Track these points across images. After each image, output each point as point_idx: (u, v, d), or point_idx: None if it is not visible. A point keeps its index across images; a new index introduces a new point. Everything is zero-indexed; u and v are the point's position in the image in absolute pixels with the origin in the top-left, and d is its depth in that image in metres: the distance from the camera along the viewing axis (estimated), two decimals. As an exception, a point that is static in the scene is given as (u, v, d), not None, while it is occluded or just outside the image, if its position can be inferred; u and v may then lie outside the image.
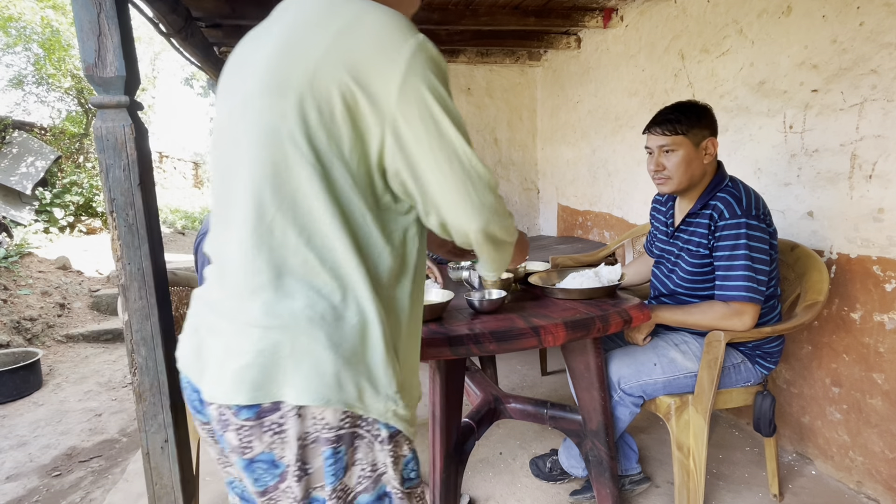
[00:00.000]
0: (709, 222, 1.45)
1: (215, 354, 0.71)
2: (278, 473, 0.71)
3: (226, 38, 2.98)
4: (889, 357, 1.61)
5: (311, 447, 0.69)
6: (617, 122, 3.11)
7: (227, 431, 0.70)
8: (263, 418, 0.68)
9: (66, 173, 6.34)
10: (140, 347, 1.38)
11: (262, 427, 0.68)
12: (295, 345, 0.67)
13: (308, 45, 0.65)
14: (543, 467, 1.86)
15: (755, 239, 1.38)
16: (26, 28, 6.46)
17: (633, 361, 1.53)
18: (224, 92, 0.76)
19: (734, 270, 1.39)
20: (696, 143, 1.44)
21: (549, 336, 1.23)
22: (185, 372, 0.78)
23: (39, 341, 3.76)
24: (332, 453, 0.69)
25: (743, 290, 1.38)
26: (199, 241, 1.49)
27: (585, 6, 2.94)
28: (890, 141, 1.56)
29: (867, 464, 1.70)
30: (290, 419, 0.67)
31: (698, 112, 1.44)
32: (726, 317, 1.41)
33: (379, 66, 0.64)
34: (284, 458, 0.69)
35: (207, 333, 0.74)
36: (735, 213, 1.39)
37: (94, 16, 1.24)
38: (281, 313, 0.68)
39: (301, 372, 0.66)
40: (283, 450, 0.69)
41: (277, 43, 0.68)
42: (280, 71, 0.66)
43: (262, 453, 0.70)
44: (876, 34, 1.58)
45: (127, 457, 2.22)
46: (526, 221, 4.45)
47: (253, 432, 0.69)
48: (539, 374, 2.83)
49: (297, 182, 0.67)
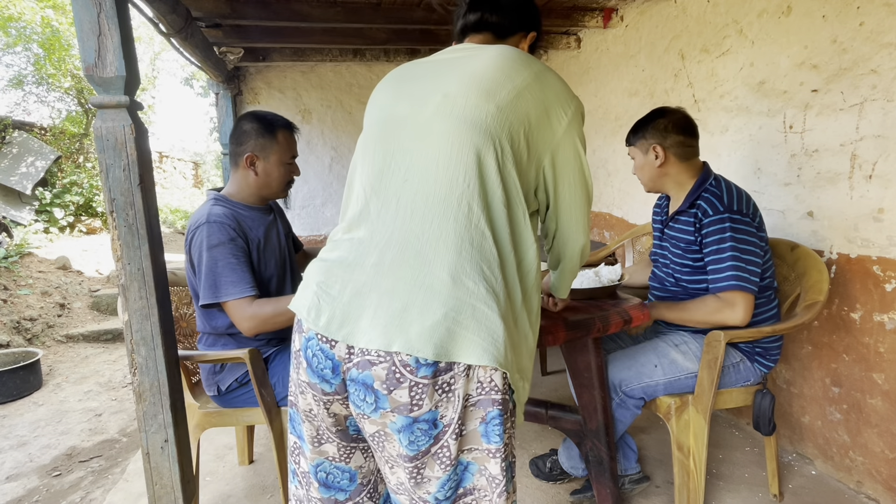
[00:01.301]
0: (694, 220, 1.51)
1: (389, 312, 0.77)
2: (435, 434, 0.78)
3: (226, 38, 2.98)
4: (889, 357, 1.61)
5: (471, 409, 0.79)
6: (617, 123, 3.11)
7: (397, 388, 0.76)
8: (438, 377, 0.76)
9: (66, 173, 6.34)
10: (140, 347, 1.38)
11: (435, 385, 0.76)
12: (475, 312, 0.77)
13: (513, 72, 0.87)
14: (543, 467, 1.86)
15: (740, 231, 1.43)
16: (26, 28, 6.46)
17: (634, 363, 1.53)
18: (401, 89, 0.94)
19: (722, 263, 1.43)
20: (644, 151, 1.60)
21: (549, 336, 1.23)
22: (324, 332, 0.80)
23: (39, 341, 3.76)
24: (497, 414, 0.79)
25: (732, 280, 1.41)
26: (191, 236, 1.49)
27: (585, 6, 2.94)
28: (890, 141, 1.56)
29: (867, 464, 1.70)
30: (461, 379, 0.77)
31: (640, 123, 1.61)
32: (719, 309, 1.44)
33: (557, 108, 0.89)
34: (445, 418, 0.78)
35: (371, 291, 0.79)
36: (718, 210, 1.45)
37: (94, 16, 1.24)
38: (465, 283, 0.78)
39: (480, 336, 0.76)
40: (447, 408, 0.77)
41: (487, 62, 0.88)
42: (489, 81, 0.85)
43: (428, 412, 0.77)
44: (876, 34, 1.58)
45: (127, 457, 2.22)
46: (526, 221, 4.45)
47: (425, 390, 0.76)
48: (539, 374, 2.83)
49: (488, 172, 0.82)
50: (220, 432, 2.26)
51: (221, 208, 1.49)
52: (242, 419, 1.60)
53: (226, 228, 1.45)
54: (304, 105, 3.86)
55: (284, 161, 1.56)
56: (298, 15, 2.65)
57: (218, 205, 1.51)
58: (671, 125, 1.56)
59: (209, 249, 1.42)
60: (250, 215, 1.57)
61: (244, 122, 1.55)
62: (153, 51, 9.24)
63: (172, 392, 1.42)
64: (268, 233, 1.60)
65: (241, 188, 1.58)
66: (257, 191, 1.58)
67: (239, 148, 1.54)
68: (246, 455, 2.04)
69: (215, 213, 1.47)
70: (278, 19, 2.69)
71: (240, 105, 3.76)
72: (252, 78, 3.75)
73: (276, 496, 1.83)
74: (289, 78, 3.81)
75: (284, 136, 1.56)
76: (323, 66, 3.84)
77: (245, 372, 1.53)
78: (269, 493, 1.86)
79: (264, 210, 1.64)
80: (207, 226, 1.44)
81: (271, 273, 1.59)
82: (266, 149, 1.53)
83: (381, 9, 2.78)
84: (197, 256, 1.45)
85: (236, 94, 3.71)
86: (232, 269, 1.43)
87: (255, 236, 1.54)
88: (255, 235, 1.55)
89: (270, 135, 1.53)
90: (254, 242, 1.53)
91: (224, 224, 1.45)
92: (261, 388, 1.48)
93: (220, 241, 1.43)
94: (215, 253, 1.42)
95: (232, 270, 1.43)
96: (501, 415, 0.79)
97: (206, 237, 1.43)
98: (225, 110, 3.66)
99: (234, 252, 1.44)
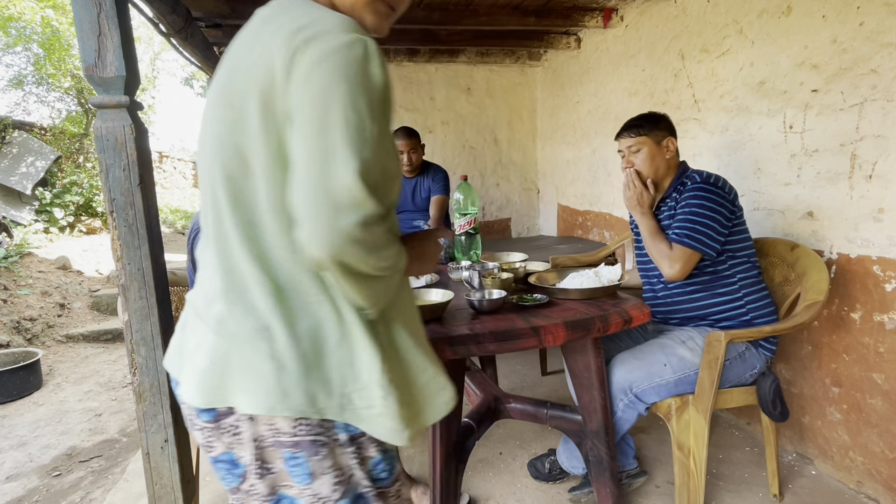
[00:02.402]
0: (674, 203, 1.63)
1: (188, 354, 0.74)
2: (239, 473, 0.73)
3: (226, 38, 2.98)
4: (889, 357, 1.61)
5: (269, 450, 0.70)
6: (617, 122, 3.11)
7: (193, 430, 0.74)
8: (220, 421, 0.71)
9: (66, 173, 6.34)
10: (140, 347, 1.38)
11: (220, 429, 0.71)
12: (242, 355, 0.68)
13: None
14: (542, 468, 1.85)
15: (709, 199, 1.53)
16: (26, 28, 6.45)
17: (643, 364, 1.53)
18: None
19: (684, 220, 1.54)
20: (658, 142, 1.67)
21: (549, 336, 1.23)
22: (168, 369, 0.80)
23: (39, 341, 3.76)
24: (292, 456, 0.70)
25: (683, 236, 1.52)
26: (192, 237, 1.49)
27: (585, 6, 2.94)
28: (890, 141, 1.56)
29: (867, 464, 1.70)
30: (244, 423, 0.70)
31: (656, 118, 1.70)
32: (664, 256, 1.56)
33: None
34: (243, 459, 0.72)
35: (189, 332, 0.77)
36: (695, 182, 1.59)
37: (94, 16, 1.24)
38: (229, 323, 0.69)
39: (247, 381, 0.68)
40: (241, 450, 0.71)
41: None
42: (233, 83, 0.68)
43: (224, 453, 0.73)
44: (876, 34, 1.58)
45: (127, 457, 2.22)
46: (526, 221, 4.46)
47: (213, 433, 0.72)
48: (539, 374, 2.83)
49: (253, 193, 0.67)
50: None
51: None
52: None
53: None
54: (304, 105, 3.87)
55: None
56: (298, 15, 2.65)
57: None
58: (671, 125, 1.71)
59: None
60: None
61: None
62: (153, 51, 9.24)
63: (172, 392, 1.42)
64: None
65: None
66: None
67: None
68: (246, 455, 2.04)
69: None
70: (278, 19, 2.68)
71: (240, 105, 3.76)
72: (252, 78, 3.76)
73: (276, 496, 1.83)
74: (289, 78, 3.82)
75: None
76: (323, 66, 3.85)
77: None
78: (269, 493, 1.86)
79: None
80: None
81: None
82: None
83: (381, 9, 2.78)
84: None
85: (236, 94, 3.72)
86: None
87: None
88: None
89: None
90: None
91: None
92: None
93: None
94: None
95: None
96: (300, 456, 0.69)
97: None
98: (225, 110, 3.66)
99: None
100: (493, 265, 1.66)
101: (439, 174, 2.92)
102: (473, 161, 4.24)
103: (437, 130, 4.13)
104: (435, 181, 2.90)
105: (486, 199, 4.31)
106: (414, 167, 2.84)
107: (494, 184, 4.32)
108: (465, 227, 1.92)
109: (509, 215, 4.40)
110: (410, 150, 2.77)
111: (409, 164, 2.79)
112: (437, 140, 4.12)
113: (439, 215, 2.83)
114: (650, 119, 1.70)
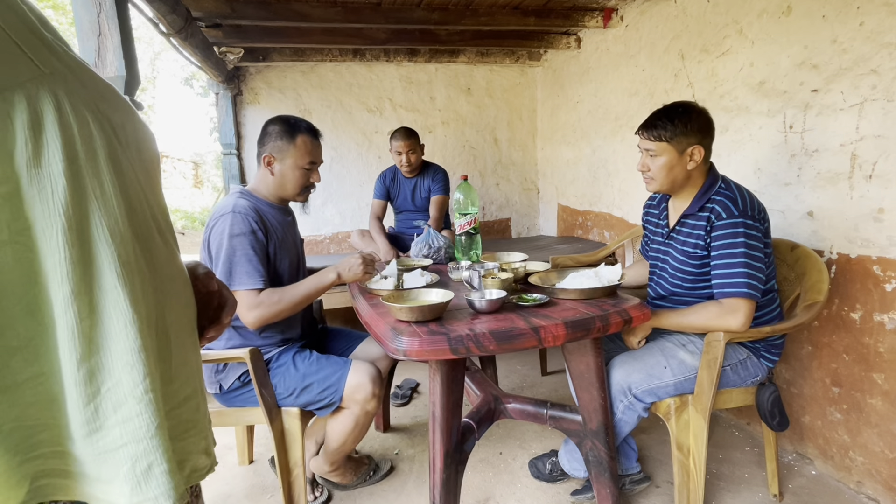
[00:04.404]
0: (706, 224, 1.47)
1: None
2: None
3: (226, 38, 2.98)
4: (889, 357, 1.61)
5: None
6: (617, 122, 3.11)
7: None
8: None
9: (66, 173, 6.34)
10: (140, 347, 1.38)
11: None
12: None
13: None
14: (543, 468, 1.86)
15: (752, 238, 1.41)
16: (26, 28, 6.45)
17: (643, 366, 1.52)
18: None
19: (733, 269, 1.41)
20: (680, 151, 1.48)
21: (549, 336, 1.23)
22: None
23: (39, 341, 3.75)
24: None
25: (743, 287, 1.39)
26: (214, 223, 1.55)
27: (585, 6, 2.94)
28: (890, 141, 1.56)
29: (867, 464, 1.70)
30: None
31: (687, 118, 1.46)
32: (720, 315, 1.42)
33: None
34: None
35: None
36: (732, 214, 1.42)
37: (94, 16, 1.25)
38: None
39: None
40: None
41: None
42: None
43: None
44: (876, 34, 1.58)
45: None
46: (526, 221, 4.46)
47: None
48: (539, 374, 2.83)
49: None
50: (221, 432, 2.26)
51: (246, 201, 1.57)
52: (243, 419, 1.60)
53: (248, 220, 1.52)
54: (304, 105, 3.86)
55: (300, 165, 1.61)
56: (298, 15, 2.66)
57: (243, 198, 1.58)
58: (707, 124, 1.49)
59: (230, 238, 1.49)
60: (271, 212, 1.63)
61: (270, 123, 1.63)
62: (153, 51, 9.26)
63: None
64: (285, 233, 1.67)
65: (262, 186, 1.66)
66: (275, 191, 1.65)
67: (261, 148, 1.63)
68: (246, 455, 2.04)
69: (241, 205, 1.54)
70: (278, 19, 2.69)
71: (240, 105, 3.76)
72: (252, 78, 3.75)
73: (276, 496, 1.83)
74: (289, 78, 3.81)
75: (304, 140, 1.61)
76: (323, 66, 3.84)
77: (247, 370, 1.54)
78: (269, 493, 1.86)
79: (284, 211, 1.71)
80: (232, 215, 1.51)
81: (283, 271, 1.64)
82: (283, 151, 1.60)
83: (381, 9, 2.78)
84: (217, 244, 1.51)
85: (236, 94, 3.72)
86: (248, 259, 1.50)
87: (274, 231, 1.61)
88: (275, 231, 1.61)
89: (290, 138, 1.59)
90: (273, 237, 1.60)
91: (247, 216, 1.52)
92: (261, 388, 1.48)
93: (241, 231, 1.50)
94: (235, 242, 1.49)
95: (248, 261, 1.49)
96: None
97: (229, 226, 1.50)
98: (225, 110, 3.66)
99: (252, 244, 1.51)
100: (493, 265, 1.66)
101: (439, 174, 2.92)
102: (473, 161, 4.25)
103: (437, 130, 4.13)
104: (435, 181, 2.90)
105: (486, 199, 4.31)
106: (413, 167, 2.84)
107: (494, 184, 4.32)
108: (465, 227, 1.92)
109: (509, 215, 4.40)
110: (409, 151, 2.77)
111: (407, 164, 2.79)
112: (437, 140, 4.12)
113: (439, 215, 2.83)
114: (679, 118, 1.46)
